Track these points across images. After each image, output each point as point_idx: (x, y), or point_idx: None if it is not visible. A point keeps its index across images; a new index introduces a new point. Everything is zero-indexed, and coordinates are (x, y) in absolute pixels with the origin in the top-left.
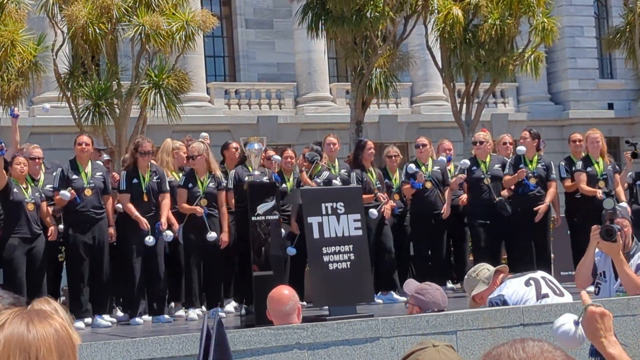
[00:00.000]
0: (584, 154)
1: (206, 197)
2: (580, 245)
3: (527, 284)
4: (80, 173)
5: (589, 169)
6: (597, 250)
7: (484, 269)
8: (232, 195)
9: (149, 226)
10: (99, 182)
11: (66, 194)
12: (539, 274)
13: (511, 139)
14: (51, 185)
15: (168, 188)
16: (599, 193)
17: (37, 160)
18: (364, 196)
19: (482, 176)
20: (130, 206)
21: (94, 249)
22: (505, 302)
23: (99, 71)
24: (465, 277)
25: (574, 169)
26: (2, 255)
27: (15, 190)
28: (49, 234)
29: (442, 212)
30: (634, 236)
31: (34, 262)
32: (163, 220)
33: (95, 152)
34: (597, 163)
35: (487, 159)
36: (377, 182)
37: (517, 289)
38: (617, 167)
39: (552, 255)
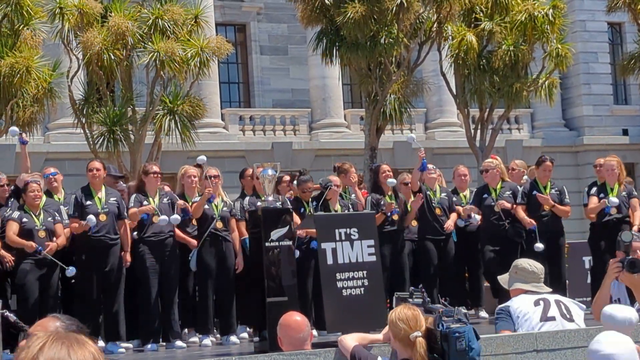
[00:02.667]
0: (599, 183)
1: (221, 220)
2: (598, 267)
3: (536, 303)
4: (93, 198)
5: (601, 195)
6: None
7: (526, 266)
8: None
9: (156, 210)
10: (113, 207)
11: (92, 219)
12: (554, 297)
13: (519, 165)
14: (66, 209)
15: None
16: (605, 202)
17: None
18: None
19: (492, 203)
20: (134, 209)
21: (108, 274)
22: (509, 313)
23: (114, 97)
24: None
25: (590, 193)
26: (15, 282)
27: (25, 219)
28: (47, 249)
29: (447, 231)
30: None
31: (47, 288)
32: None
33: (110, 178)
34: (612, 190)
35: (498, 186)
36: (396, 207)
37: (523, 305)
38: (633, 192)
39: (567, 281)
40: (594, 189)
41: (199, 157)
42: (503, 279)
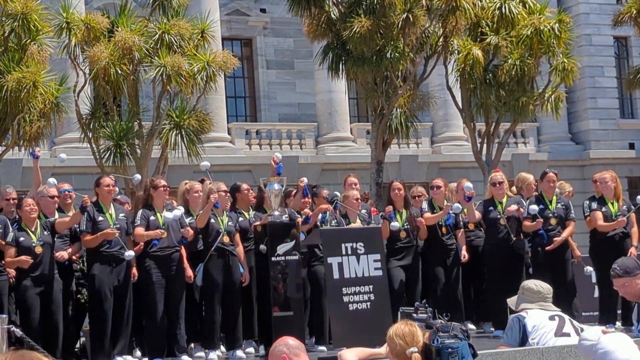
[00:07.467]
0: (597, 196)
1: (228, 234)
2: (605, 279)
3: (551, 318)
4: (105, 214)
5: (603, 209)
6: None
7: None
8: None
9: (164, 234)
10: (123, 222)
11: (131, 253)
12: (567, 316)
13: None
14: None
15: (188, 223)
16: (619, 225)
17: (54, 198)
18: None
19: (499, 216)
20: (141, 230)
21: (118, 288)
22: (520, 324)
23: (121, 112)
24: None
25: (590, 208)
26: (18, 298)
27: (22, 239)
28: (58, 256)
29: (460, 254)
30: None
31: (48, 303)
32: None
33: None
34: (612, 204)
35: (504, 200)
36: (406, 224)
37: (538, 317)
38: (632, 206)
39: (576, 295)
40: (594, 204)
41: (202, 164)
42: (512, 301)
